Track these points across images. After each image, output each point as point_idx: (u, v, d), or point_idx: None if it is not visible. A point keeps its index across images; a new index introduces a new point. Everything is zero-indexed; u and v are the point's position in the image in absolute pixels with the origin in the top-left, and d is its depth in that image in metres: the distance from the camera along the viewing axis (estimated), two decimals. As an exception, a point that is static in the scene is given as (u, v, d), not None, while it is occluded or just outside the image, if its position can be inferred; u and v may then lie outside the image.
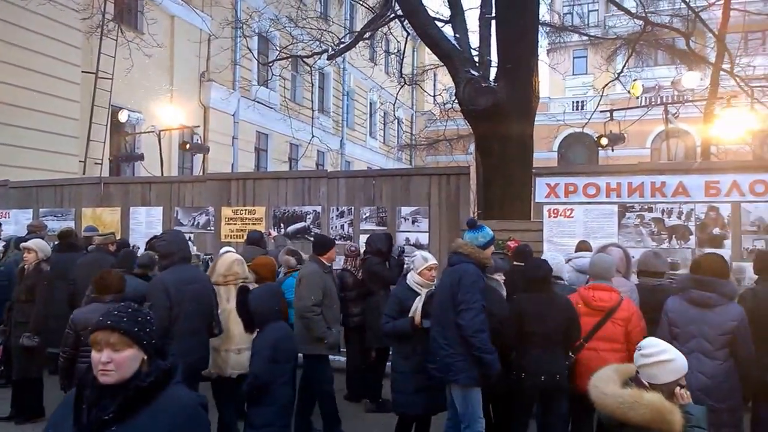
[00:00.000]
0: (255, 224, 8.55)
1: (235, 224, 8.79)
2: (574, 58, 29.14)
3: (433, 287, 4.57)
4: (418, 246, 7.89)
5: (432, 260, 4.64)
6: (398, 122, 26.63)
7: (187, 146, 13.00)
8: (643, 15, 11.58)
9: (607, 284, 4.39)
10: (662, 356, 2.80)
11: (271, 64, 11.93)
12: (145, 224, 9.27)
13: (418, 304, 4.47)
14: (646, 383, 2.77)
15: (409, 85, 13.00)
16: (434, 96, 13.91)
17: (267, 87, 15.70)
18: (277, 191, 8.69)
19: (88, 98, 12.72)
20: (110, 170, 13.66)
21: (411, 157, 25.52)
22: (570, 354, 4.23)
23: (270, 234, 7.89)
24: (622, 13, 13.29)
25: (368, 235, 6.78)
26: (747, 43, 16.46)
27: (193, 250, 6.43)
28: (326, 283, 5.38)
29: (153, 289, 4.50)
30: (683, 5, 13.02)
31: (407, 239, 7.99)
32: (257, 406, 3.83)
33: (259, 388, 3.76)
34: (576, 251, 6.12)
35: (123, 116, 12.99)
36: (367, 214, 8.21)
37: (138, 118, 13.61)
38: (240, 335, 4.73)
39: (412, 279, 4.57)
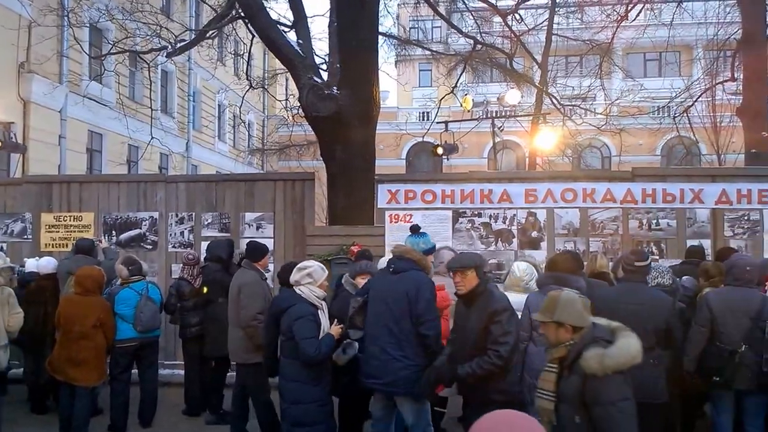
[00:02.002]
0: (82, 231, 7.83)
1: (58, 232, 7.96)
2: (419, 70, 30.72)
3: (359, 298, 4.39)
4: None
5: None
6: (248, 126, 26.01)
7: (0, 145, 11.50)
8: (475, 35, 12.55)
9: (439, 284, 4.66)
10: None
11: (103, 58, 11.01)
12: (-55, 233, 8.04)
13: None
14: None
15: (255, 88, 12.74)
16: (285, 100, 13.82)
17: (100, 83, 14.44)
18: (108, 196, 8.03)
19: None
20: None
21: (262, 162, 25.05)
22: None
23: (100, 243, 7.26)
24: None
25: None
26: (568, 65, 18.53)
27: (7, 261, 5.69)
28: (265, 290, 5.30)
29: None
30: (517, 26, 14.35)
31: (251, 245, 7.80)
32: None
33: None
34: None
35: None
36: (209, 221, 7.89)
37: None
38: None
39: (312, 292, 4.22)
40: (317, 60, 8.51)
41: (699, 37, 16.61)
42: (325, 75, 7.59)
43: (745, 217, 7.14)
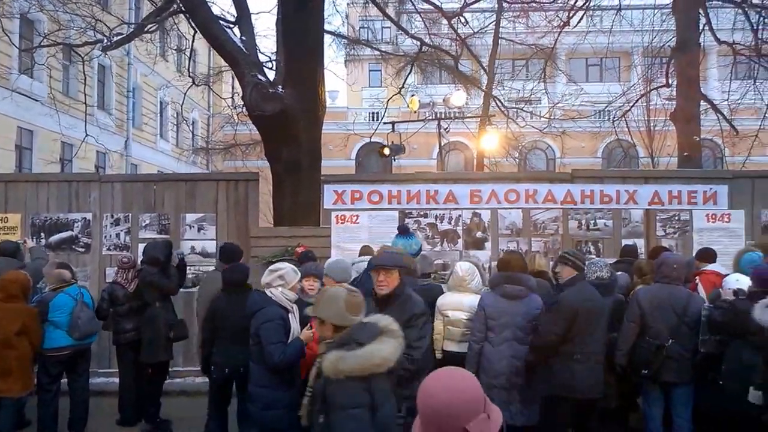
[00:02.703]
0: (8, 234, 7.38)
1: (-20, 234, 7.49)
2: (369, 70, 30.70)
3: None
4: (205, 255, 7.56)
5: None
6: (192, 124, 25.32)
7: None
8: (423, 36, 12.63)
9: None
10: None
11: (33, 51, 10.43)
12: None
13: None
14: None
15: (199, 85, 12.39)
16: (231, 98, 13.52)
17: (31, 76, 13.70)
18: (37, 196, 7.61)
19: None
20: None
21: (207, 162, 24.41)
22: None
23: (26, 243, 6.88)
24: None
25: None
26: (514, 68, 18.91)
27: None
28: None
29: None
30: (463, 29, 14.54)
31: (193, 248, 7.58)
32: None
33: None
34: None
35: None
36: (147, 222, 7.60)
37: None
38: None
39: (284, 294, 4.10)
40: (263, 58, 8.36)
41: (636, 44, 17.26)
42: (271, 74, 7.45)
43: (676, 218, 7.44)
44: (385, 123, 13.98)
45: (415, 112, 13.37)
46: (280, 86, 7.21)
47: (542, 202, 7.47)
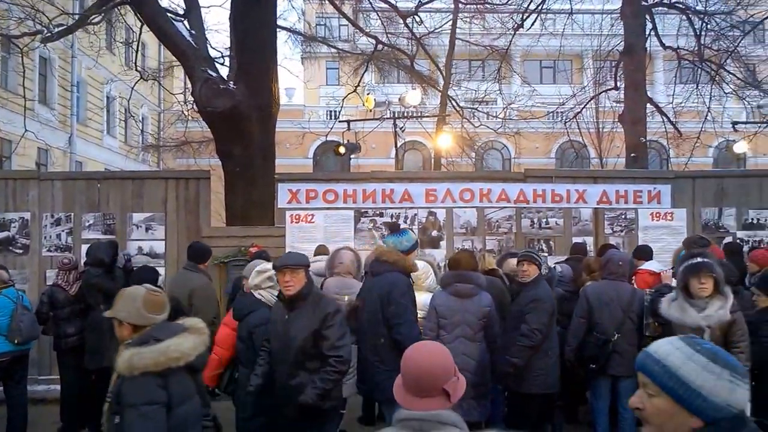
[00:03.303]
0: (-62, 235, 6.96)
1: None
2: (327, 68, 30.47)
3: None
4: (153, 255, 7.30)
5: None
6: (142, 120, 24.55)
7: None
8: (380, 35, 12.61)
9: None
10: None
11: (-34, 41, 9.89)
12: None
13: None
14: None
15: (147, 80, 11.99)
16: (182, 94, 13.16)
17: (-34, 68, 12.99)
18: (-30, 195, 7.19)
19: None
20: None
21: (158, 160, 23.71)
22: None
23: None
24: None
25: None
26: (471, 69, 19.13)
27: None
28: (215, 292, 5.33)
29: None
30: (420, 28, 14.58)
31: (140, 248, 7.31)
32: None
33: None
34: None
35: None
36: (91, 222, 7.29)
37: None
38: None
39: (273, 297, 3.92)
40: (215, 54, 8.16)
41: (587, 47, 17.73)
42: (225, 70, 7.28)
43: (623, 216, 7.65)
44: (341, 121, 13.89)
45: (370, 110, 13.34)
46: (231, 82, 7.04)
47: (496, 201, 7.54)
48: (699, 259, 3.97)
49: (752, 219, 7.74)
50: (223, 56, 8.54)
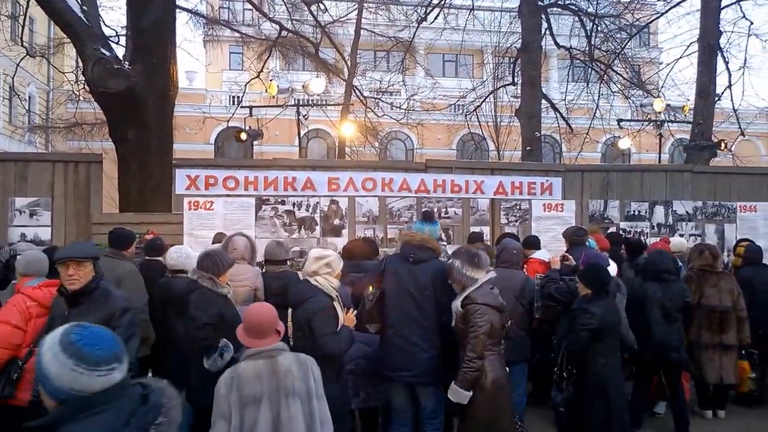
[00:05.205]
0: None
1: None
2: (230, 53, 29.52)
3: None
4: (38, 243, 6.86)
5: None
6: (28, 99, 22.64)
7: None
8: (286, 21, 12.46)
9: None
10: None
11: None
12: None
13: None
14: None
15: (34, 56, 11.12)
16: (74, 72, 12.29)
17: None
18: None
19: None
20: None
21: (46, 142, 22.00)
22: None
23: None
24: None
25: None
26: (376, 59, 19.32)
27: None
28: (142, 279, 5.04)
29: None
30: (325, 16, 14.55)
31: (23, 235, 6.85)
32: None
33: None
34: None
35: None
36: (-34, 207, 6.72)
37: None
38: None
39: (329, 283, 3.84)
40: (109, 32, 7.72)
41: (487, 43, 18.46)
42: (120, 50, 6.91)
43: (517, 207, 8.13)
44: (243, 107, 13.59)
45: (273, 96, 13.15)
46: (127, 63, 6.72)
47: (398, 191, 7.75)
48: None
49: (634, 211, 8.45)
50: (118, 35, 8.11)
